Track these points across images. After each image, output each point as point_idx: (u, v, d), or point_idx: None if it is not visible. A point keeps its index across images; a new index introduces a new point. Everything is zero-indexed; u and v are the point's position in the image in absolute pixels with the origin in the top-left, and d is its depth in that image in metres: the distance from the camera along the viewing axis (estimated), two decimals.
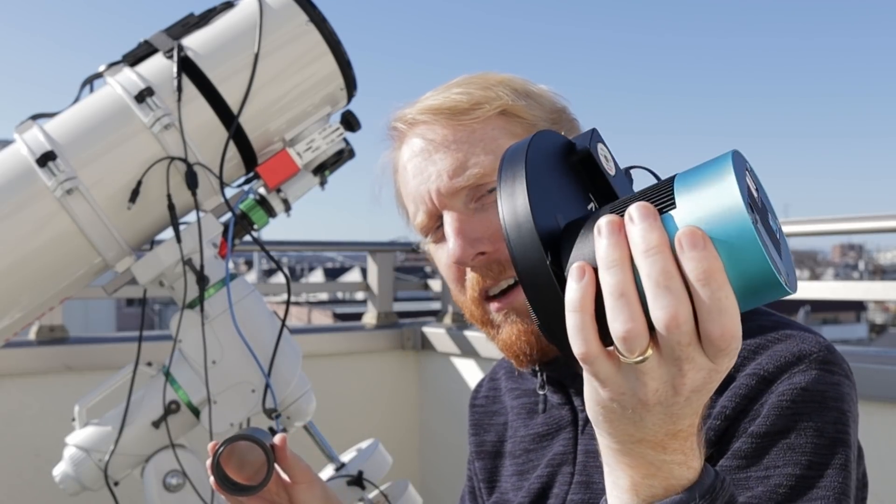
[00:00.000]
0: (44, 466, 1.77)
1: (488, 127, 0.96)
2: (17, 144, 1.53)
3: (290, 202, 1.68)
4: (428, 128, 0.99)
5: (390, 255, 3.31)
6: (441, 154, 0.96)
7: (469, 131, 0.96)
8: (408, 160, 1.01)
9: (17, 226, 1.49)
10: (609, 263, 0.52)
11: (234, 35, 1.61)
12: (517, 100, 0.98)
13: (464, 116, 0.96)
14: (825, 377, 0.83)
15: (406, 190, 1.03)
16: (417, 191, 0.99)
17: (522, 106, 0.98)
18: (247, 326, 1.56)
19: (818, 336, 0.88)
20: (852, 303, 28.43)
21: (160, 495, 1.59)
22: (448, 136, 0.97)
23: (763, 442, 0.81)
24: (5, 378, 2.36)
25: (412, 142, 1.01)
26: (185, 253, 1.56)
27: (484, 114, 0.96)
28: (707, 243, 0.51)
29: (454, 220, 0.95)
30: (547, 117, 1.00)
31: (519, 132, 0.97)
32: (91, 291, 2.20)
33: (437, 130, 0.98)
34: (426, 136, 0.98)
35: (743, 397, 0.83)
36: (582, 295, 0.53)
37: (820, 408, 0.81)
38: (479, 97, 0.97)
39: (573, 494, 0.94)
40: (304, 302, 18.17)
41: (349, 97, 1.71)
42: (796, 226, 2.39)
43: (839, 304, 31.01)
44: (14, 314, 1.54)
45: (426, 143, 0.98)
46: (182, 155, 1.54)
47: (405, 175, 1.02)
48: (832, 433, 0.81)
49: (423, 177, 0.98)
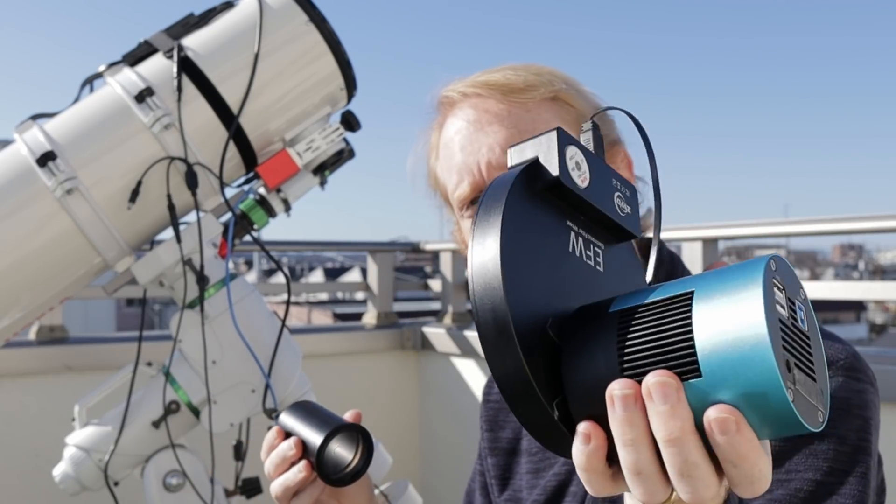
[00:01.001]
0: (44, 466, 1.77)
1: (541, 109, 0.96)
2: (16, 144, 1.53)
3: (290, 202, 1.68)
4: (482, 100, 0.97)
5: (390, 255, 3.31)
6: (495, 127, 0.95)
7: (524, 109, 0.95)
8: (456, 132, 0.99)
9: (17, 226, 1.49)
10: (625, 442, 0.48)
11: (234, 35, 1.61)
12: (568, 89, 0.98)
13: (518, 95, 0.95)
14: (851, 384, 0.83)
15: (449, 162, 1.00)
16: (465, 161, 0.97)
17: (572, 95, 0.98)
18: (247, 326, 1.57)
19: (844, 343, 0.88)
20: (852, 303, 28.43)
21: (160, 495, 1.59)
22: (503, 111, 0.95)
23: (786, 445, 0.81)
24: (5, 378, 2.36)
25: (464, 112, 0.98)
26: (185, 253, 1.56)
27: (538, 95, 0.95)
28: (741, 425, 0.46)
29: None
30: (590, 111, 0.99)
31: (569, 119, 0.96)
32: (91, 291, 2.20)
33: (490, 104, 0.96)
34: (478, 109, 0.97)
35: None
36: (588, 459, 0.49)
37: (844, 415, 0.82)
38: (533, 80, 0.96)
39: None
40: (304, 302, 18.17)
41: (349, 97, 1.71)
42: (796, 226, 2.39)
43: (839, 304, 31.03)
44: (14, 314, 1.54)
45: (480, 114, 0.96)
46: (182, 155, 1.54)
47: (450, 147, 0.99)
48: (854, 441, 0.81)
49: (473, 147, 0.96)
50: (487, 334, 0.51)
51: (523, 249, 0.53)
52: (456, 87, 1.00)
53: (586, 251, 0.59)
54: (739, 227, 2.44)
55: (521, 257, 0.53)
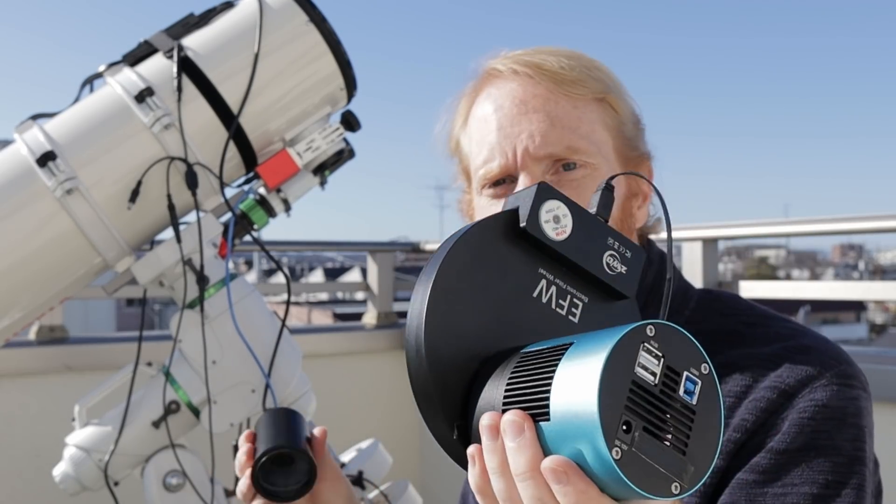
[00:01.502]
0: (44, 466, 1.77)
1: (587, 108, 0.93)
2: (17, 144, 1.53)
3: (290, 202, 1.68)
4: (531, 83, 0.94)
5: (390, 255, 3.31)
6: (540, 115, 0.92)
7: (571, 104, 0.92)
8: (498, 107, 0.95)
9: (17, 226, 1.49)
10: (491, 469, 0.54)
11: (234, 35, 1.61)
12: (615, 92, 0.96)
13: (568, 87, 0.93)
14: (845, 392, 0.83)
15: (484, 136, 0.96)
16: (501, 142, 0.93)
17: (618, 100, 0.96)
18: (247, 326, 1.57)
19: (836, 346, 0.88)
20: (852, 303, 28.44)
21: (160, 495, 1.59)
22: (550, 100, 0.92)
23: (782, 459, 0.81)
24: (5, 378, 2.36)
25: (510, 88, 0.95)
26: (185, 253, 1.56)
27: (588, 93, 0.93)
28: (571, 476, 0.49)
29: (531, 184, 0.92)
30: (630, 119, 0.97)
31: (611, 125, 0.94)
32: (91, 291, 2.20)
33: (539, 89, 0.93)
34: (527, 91, 0.93)
35: (763, 410, 0.83)
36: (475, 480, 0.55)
37: (839, 425, 0.81)
38: (585, 75, 0.94)
39: None
40: (304, 302, 18.17)
41: (349, 97, 1.71)
42: (796, 226, 2.39)
43: (839, 304, 31.02)
44: (14, 314, 1.54)
45: (527, 97, 0.93)
46: (182, 155, 1.54)
47: (488, 121, 0.95)
48: (850, 451, 0.81)
49: (513, 129, 0.92)
50: (408, 349, 0.58)
51: (466, 283, 0.58)
52: (506, 61, 0.96)
53: (559, 300, 0.61)
54: (739, 227, 2.44)
55: (460, 289, 0.58)
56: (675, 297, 0.95)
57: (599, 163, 0.91)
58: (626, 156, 0.95)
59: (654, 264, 0.98)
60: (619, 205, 0.93)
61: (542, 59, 0.95)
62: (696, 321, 0.94)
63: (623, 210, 0.94)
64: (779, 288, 2.48)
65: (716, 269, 2.44)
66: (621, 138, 0.95)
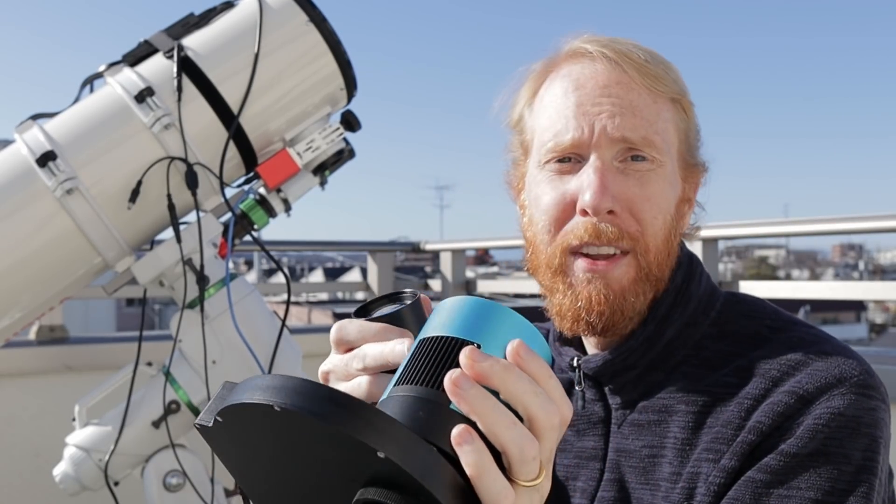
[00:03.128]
0: (44, 466, 1.77)
1: (664, 106, 0.94)
2: (17, 144, 1.53)
3: (291, 202, 1.68)
4: (617, 69, 0.93)
5: (390, 255, 3.31)
6: (623, 101, 0.92)
7: (651, 98, 0.93)
8: (580, 85, 0.94)
9: (17, 226, 1.49)
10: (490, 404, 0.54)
11: (234, 35, 1.61)
12: (688, 96, 0.97)
13: (650, 80, 0.93)
14: (862, 402, 0.82)
15: (559, 108, 0.94)
16: (577, 117, 0.92)
17: (690, 106, 0.97)
18: (247, 326, 1.57)
19: (857, 355, 0.87)
20: (852, 303, 28.46)
21: (160, 495, 1.59)
22: (633, 90, 0.92)
23: (792, 462, 0.81)
24: (5, 378, 2.36)
25: (598, 67, 0.94)
26: (185, 253, 1.56)
27: (666, 91, 0.94)
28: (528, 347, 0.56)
29: (602, 167, 0.90)
30: (695, 126, 0.99)
31: (681, 127, 0.95)
32: (91, 291, 2.20)
33: (623, 77, 0.93)
34: (611, 75, 0.93)
35: (780, 414, 0.83)
36: (484, 451, 0.53)
37: (853, 434, 0.81)
38: (663, 73, 0.94)
39: (604, 492, 0.93)
40: (304, 302, 18.16)
41: (349, 97, 1.71)
42: (796, 226, 2.39)
43: (839, 304, 31.03)
44: (14, 314, 1.54)
45: (610, 82, 0.93)
46: (182, 155, 1.54)
47: (566, 95, 0.94)
48: (859, 460, 0.81)
49: (593, 108, 0.92)
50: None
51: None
52: (593, 44, 0.96)
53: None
54: (739, 227, 2.44)
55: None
56: (702, 298, 0.96)
57: (666, 161, 0.92)
58: (686, 161, 0.97)
59: (683, 265, 0.98)
60: (675, 204, 0.94)
61: (628, 48, 0.95)
62: (721, 323, 0.94)
63: (678, 211, 0.95)
64: (779, 288, 2.48)
65: (716, 269, 2.44)
66: (686, 143, 0.96)
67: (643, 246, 0.90)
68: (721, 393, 0.87)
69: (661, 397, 0.91)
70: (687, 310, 0.94)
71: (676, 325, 0.93)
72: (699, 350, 0.92)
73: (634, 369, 0.92)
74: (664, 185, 0.92)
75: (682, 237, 1.02)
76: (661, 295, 0.94)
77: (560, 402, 0.56)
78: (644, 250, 0.90)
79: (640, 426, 0.91)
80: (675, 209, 0.94)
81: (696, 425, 0.87)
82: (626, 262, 0.90)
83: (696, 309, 0.95)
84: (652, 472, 0.89)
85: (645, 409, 0.91)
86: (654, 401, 0.91)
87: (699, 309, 0.95)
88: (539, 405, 0.55)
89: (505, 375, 0.54)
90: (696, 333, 0.93)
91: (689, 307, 0.94)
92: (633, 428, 0.91)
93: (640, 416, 0.91)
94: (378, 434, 0.50)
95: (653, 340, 0.91)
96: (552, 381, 0.56)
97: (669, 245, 0.93)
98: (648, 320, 0.92)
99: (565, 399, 0.57)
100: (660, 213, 0.91)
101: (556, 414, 0.55)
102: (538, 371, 0.56)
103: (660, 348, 0.92)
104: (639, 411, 0.91)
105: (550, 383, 0.56)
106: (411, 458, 0.50)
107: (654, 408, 0.90)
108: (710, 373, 0.90)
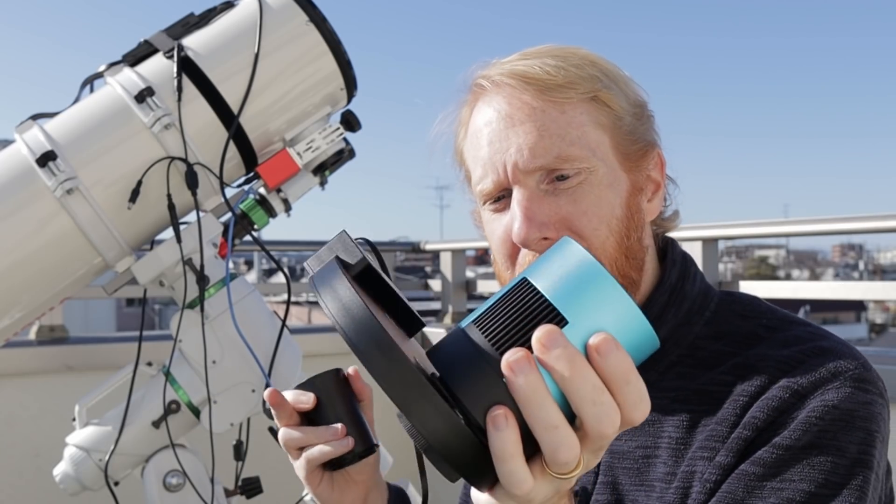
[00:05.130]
0: (44, 466, 1.77)
1: (577, 110, 0.91)
2: (17, 144, 1.53)
3: (291, 202, 1.68)
4: (515, 94, 0.92)
5: (390, 255, 3.31)
6: (526, 127, 0.90)
7: (559, 111, 0.91)
8: (486, 123, 0.94)
9: (17, 226, 1.49)
10: (537, 400, 0.52)
11: (235, 35, 1.61)
12: (609, 86, 0.93)
13: (555, 93, 0.91)
14: (858, 395, 0.82)
15: (475, 153, 0.96)
16: (491, 158, 0.92)
17: (612, 95, 0.93)
18: (247, 326, 1.57)
19: (854, 350, 0.87)
20: (852, 303, 28.45)
21: (160, 495, 1.59)
22: (536, 110, 0.91)
23: (785, 454, 0.81)
24: (5, 378, 2.36)
25: (495, 103, 0.93)
26: (185, 253, 1.56)
27: (576, 96, 0.91)
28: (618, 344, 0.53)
29: (524, 199, 0.90)
30: (631, 111, 0.95)
31: (605, 122, 0.92)
32: (91, 291, 2.20)
33: (524, 100, 0.91)
34: (512, 103, 0.92)
35: (774, 409, 0.82)
36: (513, 441, 0.53)
37: (847, 427, 0.81)
38: (574, 76, 0.91)
39: (598, 495, 0.93)
40: (304, 302, 18.15)
41: (349, 97, 1.71)
42: (796, 226, 2.39)
43: (839, 304, 31.04)
44: (14, 314, 1.54)
45: (512, 111, 0.91)
46: (182, 155, 1.54)
47: (478, 137, 0.95)
48: (854, 454, 0.80)
49: (501, 145, 0.91)
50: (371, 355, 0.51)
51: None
52: (491, 73, 0.95)
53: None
54: (739, 227, 2.44)
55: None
56: (697, 298, 0.95)
57: (595, 165, 0.90)
58: (626, 151, 0.93)
59: (677, 264, 0.97)
60: (622, 203, 0.92)
61: (527, 66, 0.93)
62: (716, 323, 0.94)
63: (628, 207, 0.92)
64: (779, 288, 2.48)
65: (716, 269, 2.44)
66: (619, 134, 0.93)
67: None
68: (716, 391, 0.87)
69: (655, 397, 0.90)
70: (681, 309, 0.94)
71: (670, 325, 0.93)
72: (694, 350, 0.92)
73: None
74: (600, 191, 0.90)
75: (664, 231, 1.01)
76: (654, 294, 0.94)
77: (632, 407, 0.55)
78: None
79: (634, 427, 0.91)
80: (625, 208, 0.92)
81: (690, 424, 0.87)
82: None
83: (690, 308, 0.94)
84: (646, 472, 0.89)
85: None
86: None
87: (693, 308, 0.94)
88: (593, 415, 0.53)
89: (568, 374, 0.52)
90: (690, 333, 0.93)
91: (683, 307, 0.94)
92: (627, 429, 0.91)
93: None
94: (405, 396, 0.50)
95: None
96: (628, 386, 0.54)
97: (626, 248, 0.91)
98: None
99: (640, 403, 0.55)
100: (601, 223, 0.90)
101: (612, 425, 0.54)
102: (614, 372, 0.53)
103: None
104: None
105: (626, 388, 0.54)
106: (431, 428, 0.51)
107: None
108: (705, 372, 0.89)
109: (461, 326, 0.57)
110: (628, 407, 0.54)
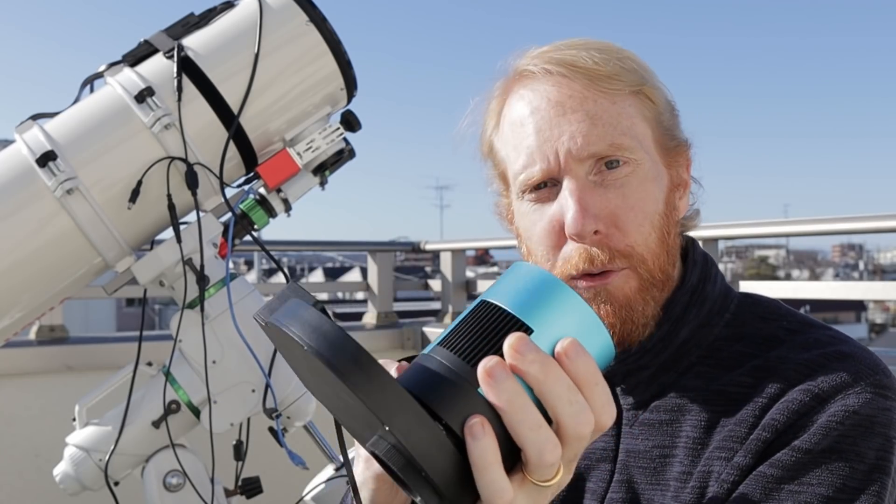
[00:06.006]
0: (44, 466, 1.77)
1: (626, 102, 0.90)
2: (17, 144, 1.53)
3: (291, 202, 1.68)
4: (565, 83, 0.90)
5: (390, 255, 3.31)
6: (579, 115, 0.89)
7: (609, 101, 0.90)
8: (535, 109, 0.91)
9: (17, 226, 1.49)
10: (519, 402, 0.53)
11: (235, 35, 1.61)
12: (650, 81, 0.93)
13: (604, 83, 0.90)
14: (878, 401, 0.82)
15: (519, 141, 0.93)
16: (541, 146, 0.90)
17: (654, 90, 0.93)
18: (247, 326, 1.57)
19: (874, 356, 0.87)
20: (852, 303, 28.45)
21: (160, 495, 1.59)
22: (587, 99, 0.89)
23: (804, 458, 0.80)
24: (5, 378, 2.36)
25: (545, 89, 0.91)
26: (185, 253, 1.56)
27: (625, 88, 0.90)
28: (583, 347, 0.55)
29: (577, 188, 0.88)
30: (666, 108, 0.95)
31: (649, 116, 0.92)
32: (91, 291, 2.20)
33: (575, 88, 0.90)
34: (563, 91, 0.90)
35: (794, 412, 0.82)
36: (492, 450, 0.53)
37: (866, 432, 0.81)
38: (619, 69, 0.91)
39: (613, 493, 0.93)
40: None
41: (349, 97, 1.70)
42: (796, 226, 2.39)
43: (839, 304, 31.02)
44: (14, 314, 1.54)
45: (562, 98, 0.90)
46: (182, 155, 1.54)
47: (524, 125, 0.92)
48: (873, 459, 0.80)
49: (552, 133, 0.90)
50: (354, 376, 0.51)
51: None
52: (536, 61, 0.93)
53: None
54: (739, 227, 2.44)
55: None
56: (717, 299, 0.95)
57: (642, 158, 0.90)
58: (666, 146, 0.94)
59: (698, 265, 0.97)
60: (664, 198, 0.92)
61: (574, 55, 0.92)
62: (736, 324, 0.93)
63: (667, 203, 0.92)
64: (779, 288, 2.49)
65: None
66: (660, 129, 0.93)
67: (638, 258, 0.88)
68: (735, 392, 0.87)
69: (674, 397, 0.90)
70: (702, 310, 0.93)
71: (691, 326, 0.92)
72: (714, 351, 0.91)
73: (647, 369, 0.91)
74: (647, 184, 0.90)
75: (687, 229, 1.01)
76: (676, 294, 0.93)
77: (601, 409, 0.56)
78: (640, 261, 0.88)
79: (652, 426, 0.91)
80: (665, 202, 0.92)
81: (709, 424, 0.87)
82: (625, 274, 0.88)
83: (710, 309, 0.94)
84: (662, 472, 0.89)
85: (657, 408, 0.90)
86: (666, 400, 0.90)
87: (714, 309, 0.94)
88: (570, 414, 0.54)
89: (542, 377, 0.54)
90: (710, 334, 0.92)
91: (704, 307, 0.93)
92: (644, 428, 0.91)
93: (651, 416, 0.91)
94: (387, 407, 0.50)
95: (667, 341, 0.91)
96: (597, 388, 0.55)
97: (666, 244, 0.91)
98: (663, 320, 0.91)
99: (608, 406, 0.56)
100: (646, 219, 0.89)
101: (589, 424, 0.55)
102: (583, 374, 0.55)
103: (674, 349, 0.91)
104: (651, 411, 0.91)
105: (595, 390, 0.55)
106: (414, 438, 0.51)
107: (666, 407, 0.90)
108: (724, 373, 0.89)
109: (425, 353, 0.58)
110: (598, 409, 0.56)
